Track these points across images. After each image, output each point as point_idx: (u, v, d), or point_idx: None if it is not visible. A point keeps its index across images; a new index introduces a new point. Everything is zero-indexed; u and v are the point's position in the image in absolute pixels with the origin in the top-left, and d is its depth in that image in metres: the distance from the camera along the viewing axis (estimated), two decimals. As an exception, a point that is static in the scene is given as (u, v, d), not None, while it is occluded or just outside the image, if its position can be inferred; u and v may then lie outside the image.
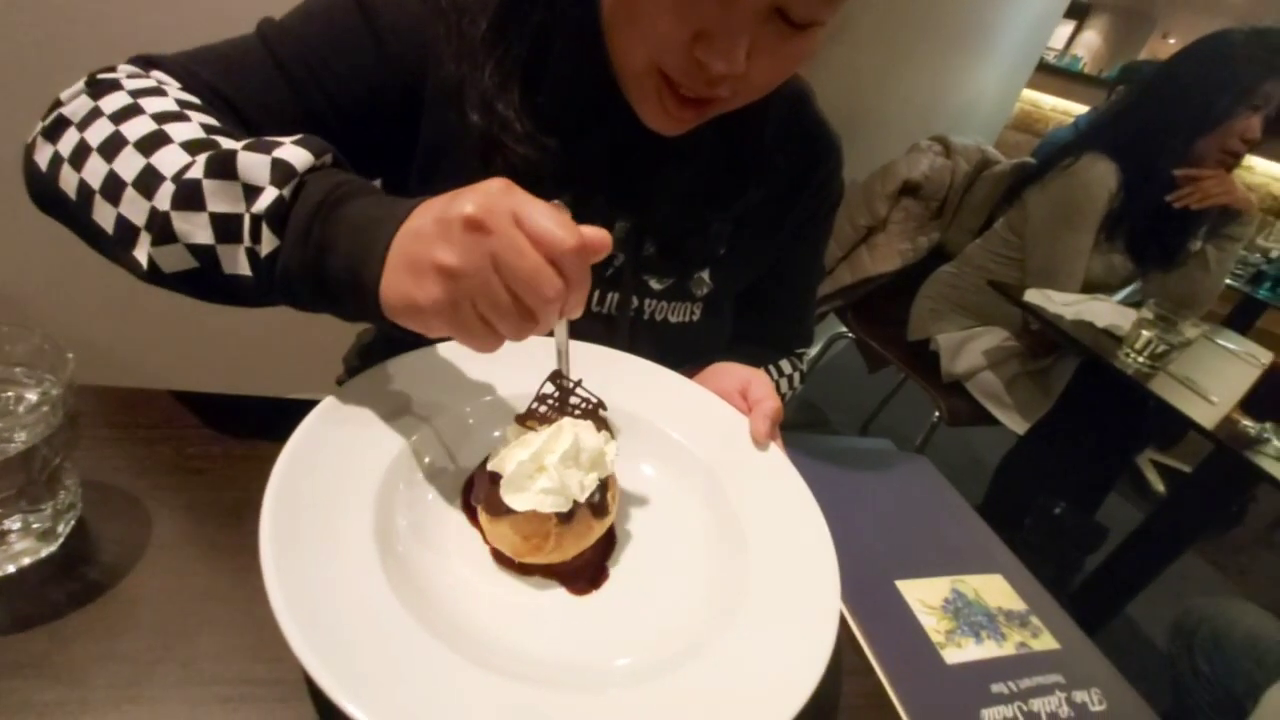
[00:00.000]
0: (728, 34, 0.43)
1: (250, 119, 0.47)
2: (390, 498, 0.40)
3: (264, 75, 0.48)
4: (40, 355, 0.37)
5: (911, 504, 0.63)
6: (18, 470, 0.34)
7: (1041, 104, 4.36)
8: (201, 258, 0.38)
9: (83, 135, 0.40)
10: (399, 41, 0.51)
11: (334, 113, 0.50)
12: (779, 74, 0.49)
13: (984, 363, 1.61)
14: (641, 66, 0.47)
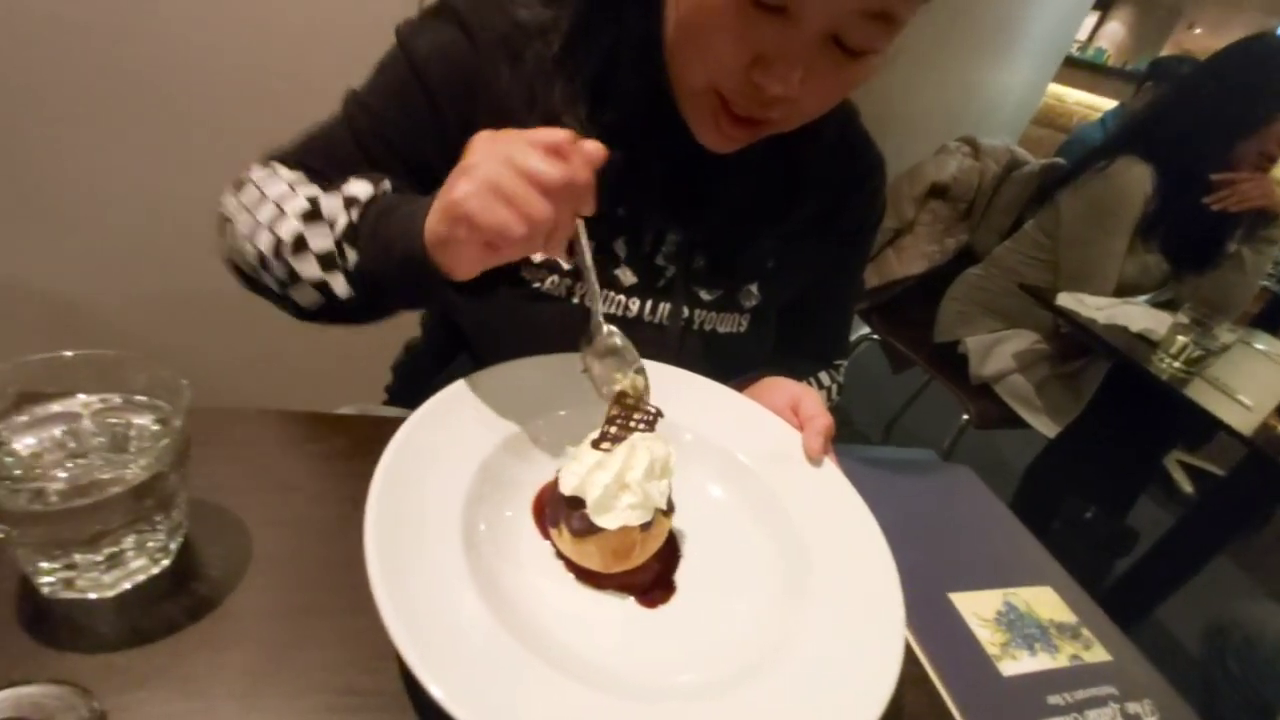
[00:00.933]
0: (784, 59, 0.44)
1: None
2: (473, 515, 0.42)
3: (347, 152, 0.56)
4: (158, 384, 0.39)
5: (959, 515, 0.64)
6: (136, 497, 0.36)
7: (1065, 98, 4.29)
8: (321, 289, 0.49)
9: (236, 226, 0.52)
10: (450, 91, 0.55)
11: (408, 171, 0.56)
12: (830, 99, 0.50)
13: (1014, 365, 1.61)
14: (700, 86, 0.49)
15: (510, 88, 0.54)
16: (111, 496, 0.35)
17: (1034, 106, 3.19)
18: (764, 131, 0.52)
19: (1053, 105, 4.74)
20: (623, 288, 0.61)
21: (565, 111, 0.53)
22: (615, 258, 0.61)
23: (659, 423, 0.47)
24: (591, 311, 0.50)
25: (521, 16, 0.53)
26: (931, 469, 0.72)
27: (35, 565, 0.35)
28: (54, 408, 0.38)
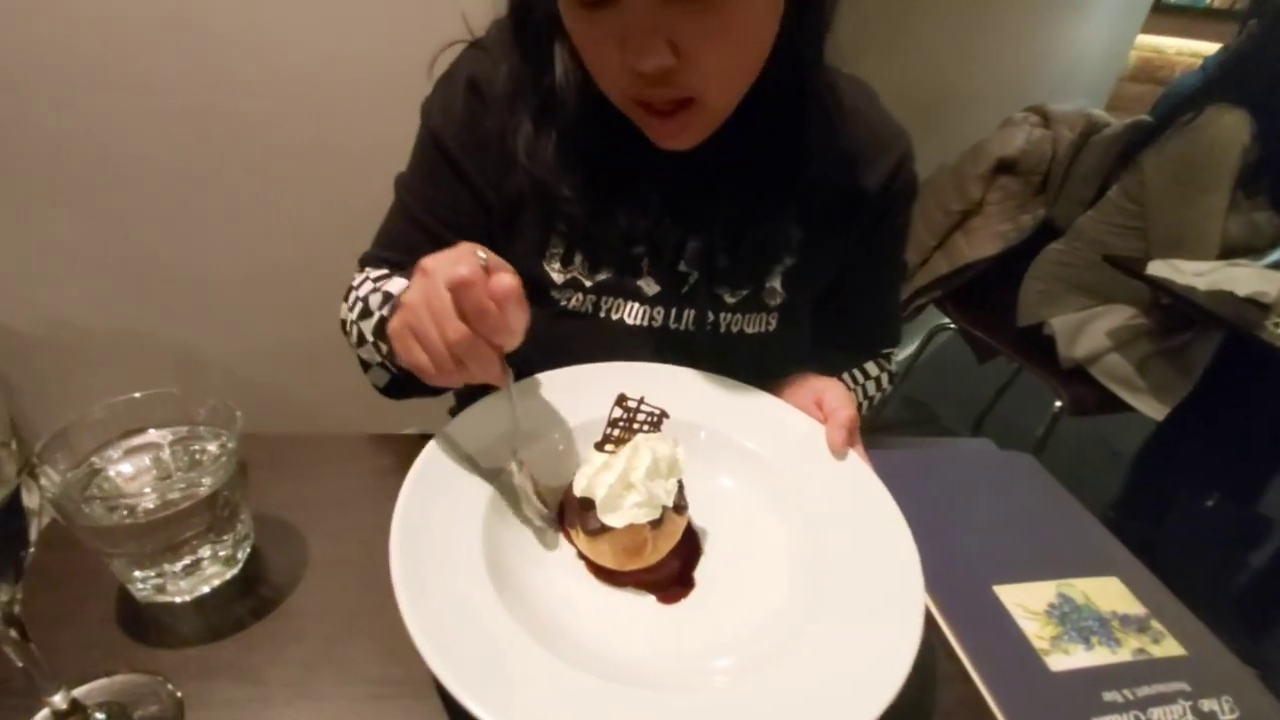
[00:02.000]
0: (634, 35, 0.44)
1: (406, 266, 0.60)
2: (495, 522, 0.45)
3: (406, 234, 0.63)
4: (216, 414, 0.45)
5: (1013, 505, 0.61)
6: (206, 510, 0.42)
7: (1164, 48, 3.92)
8: (378, 372, 0.58)
9: (351, 337, 0.59)
10: (464, 150, 0.59)
11: (455, 234, 0.60)
12: (729, 46, 0.47)
13: (1109, 344, 1.48)
14: (620, 100, 0.51)
15: (512, 134, 0.57)
16: (186, 509, 0.40)
17: (1123, 62, 2.94)
18: (701, 112, 0.50)
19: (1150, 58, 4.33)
20: (646, 298, 0.63)
21: (533, 155, 0.56)
22: (638, 268, 0.62)
23: (666, 423, 0.48)
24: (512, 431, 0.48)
25: (502, 81, 0.57)
26: (988, 458, 0.68)
27: (130, 575, 0.42)
28: (141, 439, 0.44)
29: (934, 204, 1.79)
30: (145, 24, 0.91)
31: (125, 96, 0.95)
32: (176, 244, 1.09)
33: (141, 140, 0.99)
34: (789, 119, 0.58)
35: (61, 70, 0.91)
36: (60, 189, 0.99)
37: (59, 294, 1.08)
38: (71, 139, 0.96)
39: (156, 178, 1.03)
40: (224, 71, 0.97)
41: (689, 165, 0.58)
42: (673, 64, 0.44)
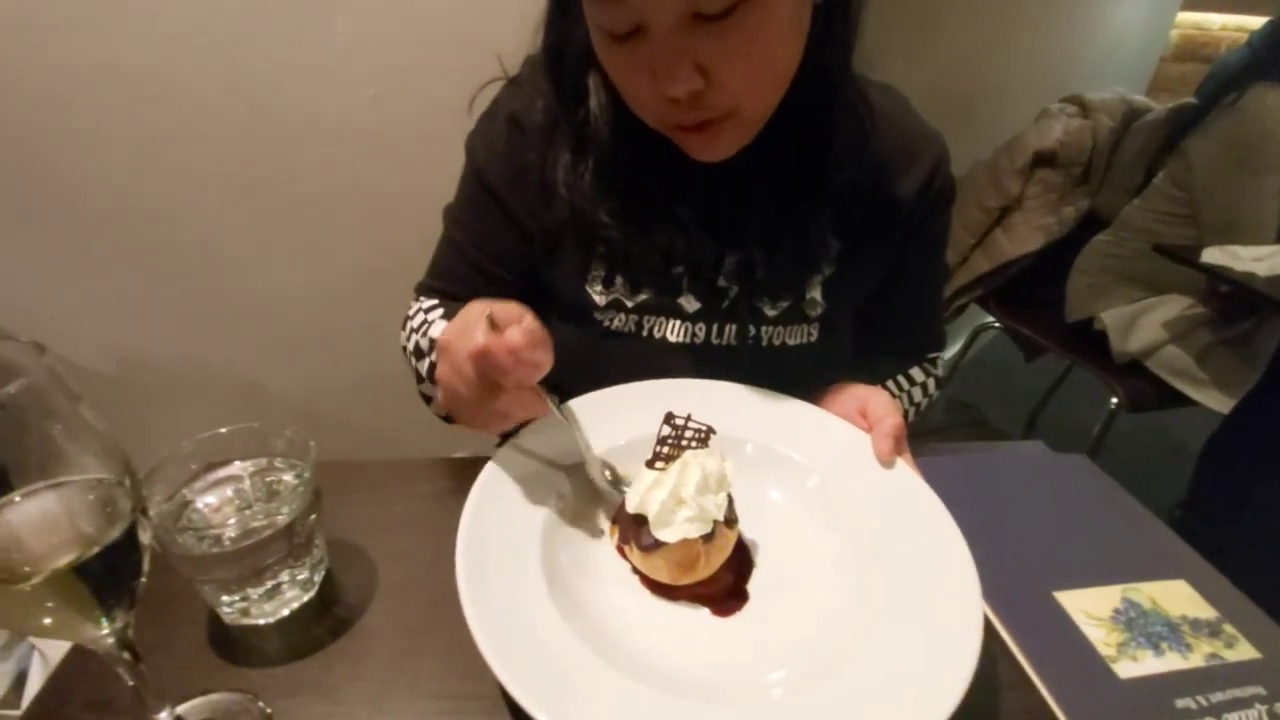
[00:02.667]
0: (664, 61, 0.45)
1: (456, 295, 0.66)
2: (552, 540, 0.47)
3: (454, 265, 0.67)
4: (292, 445, 0.48)
5: (1071, 509, 0.59)
6: (285, 537, 0.44)
7: (1207, 25, 3.77)
8: (435, 406, 0.62)
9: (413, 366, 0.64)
10: (507, 183, 0.62)
11: (500, 266, 0.66)
12: (754, 64, 0.48)
13: (1165, 336, 1.43)
14: (653, 121, 0.52)
15: (552, 165, 0.59)
16: (267, 537, 0.43)
17: (1163, 43, 2.85)
18: (731, 125, 0.51)
19: (1194, 36, 4.17)
20: (687, 315, 0.64)
21: (572, 183, 0.59)
22: (678, 286, 0.64)
23: (713, 438, 0.49)
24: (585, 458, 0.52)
25: (538, 115, 0.60)
26: (1041, 461, 0.67)
27: (219, 599, 0.45)
28: (224, 472, 0.48)
29: (971, 201, 1.76)
30: (210, 83, 0.98)
31: (190, 146, 1.02)
32: (241, 282, 1.15)
33: (207, 187, 1.06)
34: (818, 128, 0.58)
35: (132, 125, 0.98)
36: (131, 233, 1.07)
37: (132, 333, 1.15)
38: (141, 187, 1.03)
39: (221, 221, 1.09)
40: (281, 121, 1.03)
41: (721, 181, 0.59)
42: (701, 86, 0.46)
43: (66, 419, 0.28)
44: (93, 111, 0.96)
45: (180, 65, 0.96)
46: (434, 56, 1.04)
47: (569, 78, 0.57)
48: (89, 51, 0.92)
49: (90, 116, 0.96)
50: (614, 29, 0.46)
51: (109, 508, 0.30)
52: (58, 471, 0.28)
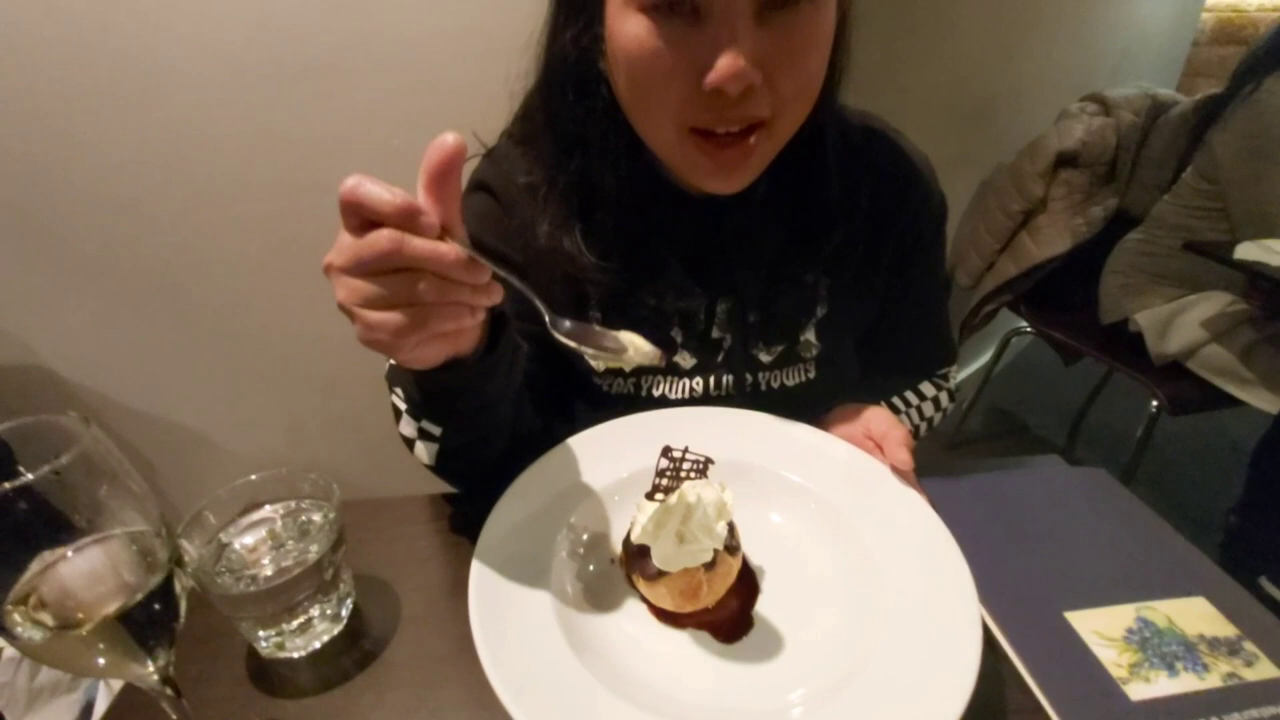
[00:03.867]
0: (725, 51, 0.43)
1: None
2: (563, 571, 0.49)
3: None
4: (317, 488, 0.52)
5: (1085, 525, 0.59)
6: (315, 574, 0.48)
7: (1244, 6, 3.65)
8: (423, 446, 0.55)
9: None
10: (499, 242, 0.62)
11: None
12: (806, 69, 0.48)
13: (1205, 336, 1.38)
14: (674, 134, 0.50)
15: (535, 230, 0.61)
16: (298, 575, 0.47)
17: (1192, 30, 2.77)
18: (758, 147, 0.50)
19: (1229, 18, 4.04)
20: (684, 371, 0.65)
21: (562, 236, 0.59)
22: (673, 344, 0.65)
23: (713, 465, 0.51)
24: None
25: (521, 181, 0.61)
26: (1058, 476, 0.66)
27: (255, 634, 0.48)
28: (257, 515, 0.51)
29: (994, 205, 1.73)
30: (248, 143, 1.05)
31: (226, 202, 1.09)
32: (274, 332, 1.22)
33: (244, 237, 1.13)
34: (810, 170, 0.60)
35: (171, 184, 1.06)
36: (168, 283, 1.14)
37: (168, 379, 1.23)
38: (183, 240, 1.11)
39: (255, 270, 1.16)
40: (311, 175, 1.10)
41: (714, 233, 0.60)
42: (759, 82, 0.45)
43: (111, 480, 0.31)
44: (136, 174, 1.04)
45: (221, 126, 1.03)
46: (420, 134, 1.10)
47: (562, 119, 0.57)
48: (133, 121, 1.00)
49: (134, 179, 1.04)
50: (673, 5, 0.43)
51: (149, 558, 0.33)
52: (103, 526, 0.32)
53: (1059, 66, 1.92)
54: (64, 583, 0.30)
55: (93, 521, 0.31)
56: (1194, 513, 1.73)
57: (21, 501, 0.29)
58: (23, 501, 0.29)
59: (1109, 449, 1.98)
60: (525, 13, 0.56)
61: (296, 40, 1.00)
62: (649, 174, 0.58)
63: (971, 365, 2.28)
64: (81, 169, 1.01)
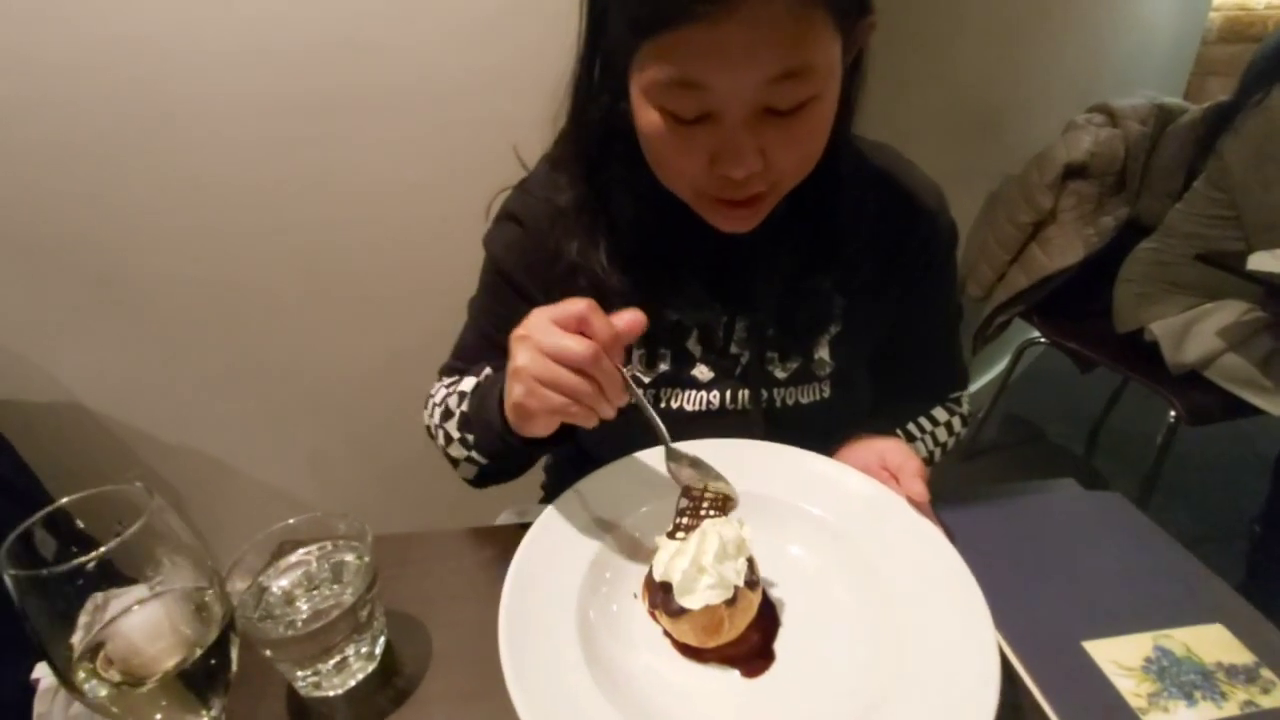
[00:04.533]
0: (732, 148, 0.48)
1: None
2: (587, 607, 0.51)
3: (477, 348, 0.72)
4: (352, 528, 0.54)
5: (1102, 552, 0.59)
6: (350, 615, 0.50)
7: (1252, 5, 3.63)
8: (472, 464, 0.65)
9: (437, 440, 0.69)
10: (522, 274, 0.68)
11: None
12: (805, 149, 0.52)
13: (1222, 345, 1.37)
14: (689, 194, 0.56)
15: (563, 252, 0.64)
16: (335, 619, 0.49)
17: (1199, 31, 2.76)
18: (770, 199, 0.55)
19: (1238, 16, 4.01)
20: (701, 384, 0.67)
21: (590, 259, 0.63)
22: (691, 358, 0.67)
23: (731, 500, 0.52)
24: (661, 439, 0.54)
25: (560, 201, 0.64)
26: (1073, 501, 0.67)
27: (294, 674, 0.50)
28: (295, 557, 0.53)
29: (1003, 217, 1.74)
30: (263, 182, 1.09)
31: (248, 239, 1.13)
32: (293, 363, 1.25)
33: (261, 274, 1.16)
34: (824, 196, 0.62)
35: (195, 223, 1.10)
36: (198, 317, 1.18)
37: (196, 407, 1.26)
38: (208, 277, 1.14)
39: (288, 312, 1.20)
40: (332, 216, 1.14)
41: (732, 251, 0.63)
42: (761, 169, 0.50)
43: (171, 542, 0.33)
44: (166, 212, 1.08)
45: (244, 165, 1.07)
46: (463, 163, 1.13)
47: (590, 156, 0.61)
48: (160, 163, 1.04)
49: (164, 217, 1.08)
50: (682, 114, 0.48)
51: (203, 612, 0.35)
52: (163, 584, 0.34)
53: (1065, 76, 1.93)
54: (129, 640, 0.33)
55: (153, 580, 0.34)
56: (1217, 523, 1.71)
57: (91, 566, 0.31)
58: (92, 565, 0.31)
59: (1129, 458, 1.96)
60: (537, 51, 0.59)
61: (322, 82, 1.03)
62: (669, 202, 0.61)
63: (985, 375, 2.27)
64: (113, 208, 1.05)
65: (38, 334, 1.13)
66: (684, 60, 0.45)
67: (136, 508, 0.31)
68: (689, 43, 0.44)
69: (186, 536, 0.33)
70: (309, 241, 1.15)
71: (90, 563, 0.30)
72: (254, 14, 0.97)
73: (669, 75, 0.46)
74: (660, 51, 0.46)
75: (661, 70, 0.47)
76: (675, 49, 0.45)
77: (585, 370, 0.46)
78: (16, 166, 0.99)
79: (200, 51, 0.97)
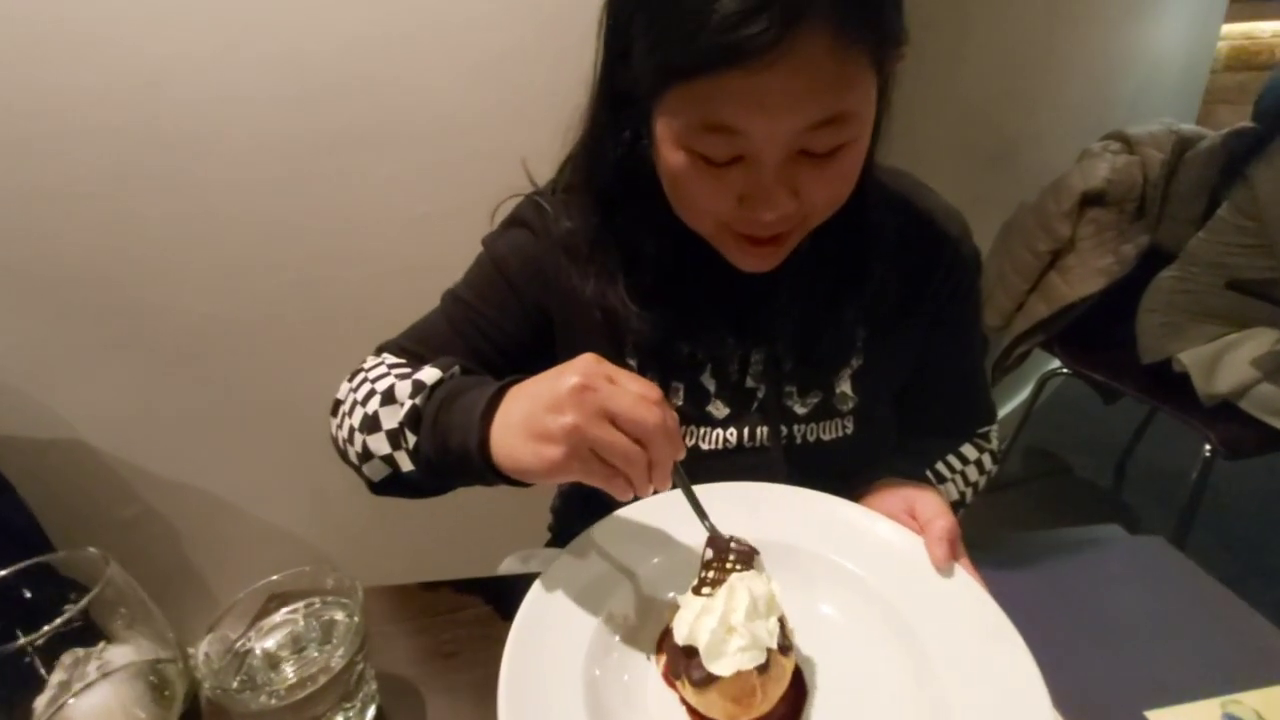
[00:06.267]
0: (764, 191, 0.47)
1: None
2: (596, 671, 0.46)
3: (443, 338, 0.65)
4: (341, 585, 0.50)
5: (1154, 605, 0.54)
6: (340, 679, 0.46)
7: (1258, 34, 3.64)
8: (388, 464, 0.53)
9: (343, 410, 0.58)
10: (524, 280, 0.65)
11: (493, 349, 0.65)
12: (838, 189, 0.50)
13: (1256, 375, 1.32)
14: (711, 230, 0.53)
15: (573, 280, 0.62)
16: (322, 686, 0.44)
17: (1207, 64, 2.76)
18: (795, 237, 0.53)
19: (1244, 45, 4.03)
20: (717, 421, 0.64)
21: (608, 292, 0.60)
22: (706, 393, 0.64)
23: (758, 556, 0.48)
24: (705, 524, 0.51)
25: (564, 226, 0.62)
26: (1117, 548, 0.62)
27: (275, 746, 0.46)
28: (280, 616, 0.50)
29: (1020, 245, 1.71)
30: (264, 217, 1.08)
31: (249, 274, 1.12)
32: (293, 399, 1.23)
33: (262, 308, 1.15)
34: (849, 226, 0.59)
35: (196, 258, 1.09)
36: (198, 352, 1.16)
37: (197, 445, 1.24)
38: (210, 312, 1.13)
39: (276, 341, 1.18)
40: (337, 255, 1.13)
41: (753, 283, 0.60)
42: (794, 210, 0.48)
43: (125, 612, 0.30)
44: (167, 246, 1.07)
45: (246, 199, 1.06)
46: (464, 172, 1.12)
47: (605, 187, 0.59)
48: (161, 195, 1.04)
49: (164, 252, 1.07)
50: (714, 158, 0.46)
51: (165, 690, 0.32)
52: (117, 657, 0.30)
53: (1076, 106, 1.92)
54: (75, 728, 0.29)
55: (106, 655, 0.30)
56: (1259, 560, 1.63)
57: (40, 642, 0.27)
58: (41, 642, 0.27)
59: (1158, 493, 1.89)
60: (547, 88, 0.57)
61: (325, 120, 1.03)
62: (689, 237, 0.58)
63: (1006, 407, 2.21)
64: (111, 241, 1.04)
65: (37, 369, 1.11)
66: (718, 106, 0.43)
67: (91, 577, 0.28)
68: (725, 90, 0.42)
69: (143, 607, 0.30)
70: (313, 277, 1.14)
71: (29, 644, 0.26)
72: (263, 51, 0.98)
73: (701, 121, 0.45)
74: (693, 97, 0.44)
75: (693, 114, 0.45)
76: (710, 95, 0.43)
77: (646, 443, 0.42)
78: (15, 201, 0.98)
79: (204, 87, 0.97)
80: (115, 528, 1.24)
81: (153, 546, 1.28)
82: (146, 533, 1.27)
